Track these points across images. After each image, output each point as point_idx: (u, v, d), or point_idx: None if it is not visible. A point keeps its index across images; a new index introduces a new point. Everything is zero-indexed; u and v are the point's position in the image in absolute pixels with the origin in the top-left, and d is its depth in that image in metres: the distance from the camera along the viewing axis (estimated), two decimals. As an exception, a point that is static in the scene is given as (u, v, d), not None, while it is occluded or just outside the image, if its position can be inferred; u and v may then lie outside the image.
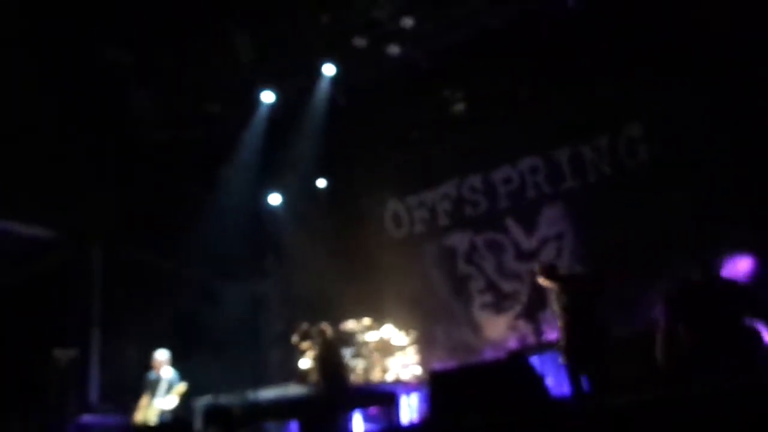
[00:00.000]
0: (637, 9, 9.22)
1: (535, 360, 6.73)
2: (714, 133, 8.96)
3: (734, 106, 8.83)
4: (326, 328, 8.56)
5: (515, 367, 4.26)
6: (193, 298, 11.27)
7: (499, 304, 10.73)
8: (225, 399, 8.50)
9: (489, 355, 9.99)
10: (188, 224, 11.00)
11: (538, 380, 4.36)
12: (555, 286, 7.44)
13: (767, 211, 8.15)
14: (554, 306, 7.50)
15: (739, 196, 8.48)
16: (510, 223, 10.95)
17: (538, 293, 10.09)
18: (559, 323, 7.22)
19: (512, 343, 10.05)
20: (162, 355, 9.10)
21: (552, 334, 9.42)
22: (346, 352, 9.52)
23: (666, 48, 9.27)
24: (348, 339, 9.84)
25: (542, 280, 7.59)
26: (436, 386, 4.54)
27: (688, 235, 8.54)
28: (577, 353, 6.83)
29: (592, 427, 3.62)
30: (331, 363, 8.36)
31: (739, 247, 7.97)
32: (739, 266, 7.84)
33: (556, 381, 7.07)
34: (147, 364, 9.24)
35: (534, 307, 10.01)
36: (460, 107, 11.17)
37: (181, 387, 8.81)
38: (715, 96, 9.00)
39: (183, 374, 9.06)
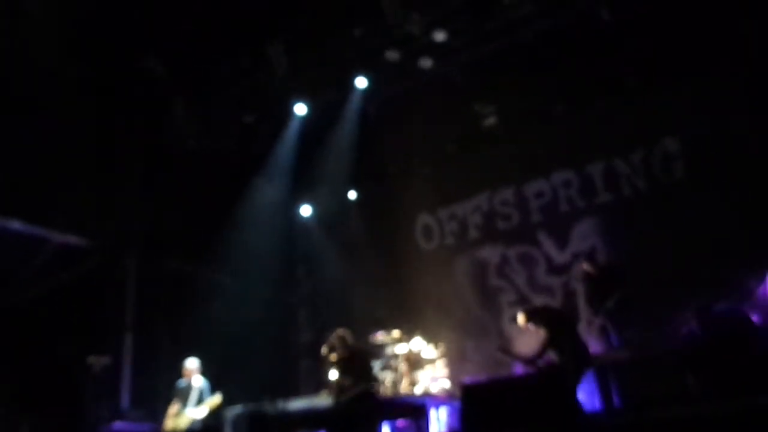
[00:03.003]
0: (672, 21, 9.15)
1: (566, 375, 6.64)
2: (753, 153, 8.80)
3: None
4: (344, 333, 8.36)
5: (548, 381, 4.23)
6: (225, 307, 11.34)
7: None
8: (255, 408, 8.54)
9: (519, 369, 9.90)
10: (221, 234, 11.12)
11: (570, 395, 4.32)
12: (542, 329, 7.58)
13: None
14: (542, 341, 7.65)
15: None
16: (542, 236, 10.87)
17: (570, 307, 10.03)
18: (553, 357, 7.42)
19: (544, 358, 9.95)
20: (192, 363, 9.15)
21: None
22: (375, 365, 9.48)
23: (705, 61, 9.18)
24: (377, 351, 9.83)
25: (526, 326, 7.72)
26: (468, 399, 4.53)
27: (721, 255, 8.43)
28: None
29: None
30: (355, 369, 8.12)
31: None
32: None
33: (587, 396, 6.99)
34: (178, 372, 9.31)
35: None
36: (491, 121, 11.16)
37: (216, 399, 8.82)
38: (758, 113, 8.85)
39: (213, 383, 9.11)
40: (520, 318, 7.87)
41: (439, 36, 9.78)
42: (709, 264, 8.48)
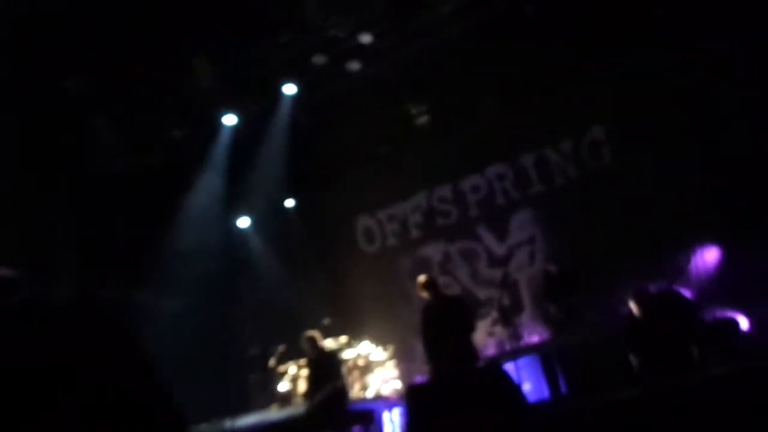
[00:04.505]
0: (592, 16, 9.36)
1: (513, 365, 6.68)
2: (673, 132, 9.08)
3: (694, 105, 8.97)
4: (314, 334, 8.27)
5: (490, 375, 4.23)
6: (167, 330, 11.06)
7: (475, 312, 10.71)
8: (205, 429, 8.35)
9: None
10: (157, 254, 10.84)
11: (514, 387, 4.34)
12: (431, 298, 7.34)
13: (728, 206, 8.27)
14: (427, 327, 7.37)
15: (701, 192, 8.59)
16: (481, 230, 10.98)
17: (514, 298, 10.14)
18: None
19: (491, 350, 10.02)
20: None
21: (530, 337, 9.44)
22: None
23: (622, 52, 9.43)
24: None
25: (423, 293, 7.49)
26: (413, 399, 4.50)
27: (654, 232, 8.66)
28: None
29: (569, 429, 3.61)
30: (327, 369, 7.98)
31: (703, 241, 8.13)
32: (707, 257, 8.00)
33: (535, 385, 7.05)
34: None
35: (510, 312, 10.00)
36: (424, 119, 11.20)
37: None
38: (675, 95, 9.14)
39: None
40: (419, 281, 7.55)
41: (365, 38, 9.75)
42: (641, 244, 8.70)
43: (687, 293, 7.01)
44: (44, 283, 10.12)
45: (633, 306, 6.69)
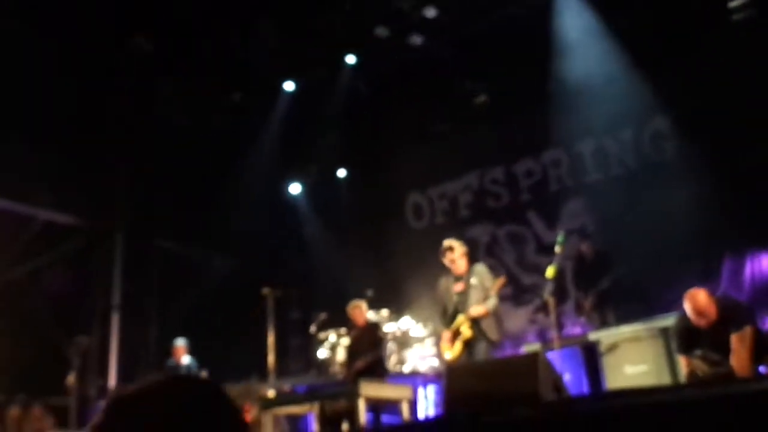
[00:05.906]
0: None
1: (554, 355, 6.62)
2: (741, 130, 8.73)
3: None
4: (360, 304, 8.36)
5: (533, 363, 4.21)
6: (214, 285, 11.31)
7: (518, 297, 10.66)
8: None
9: (507, 348, 9.92)
10: (210, 212, 11.05)
11: (556, 377, 4.32)
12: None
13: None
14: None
15: (764, 197, 8.27)
16: (532, 216, 10.86)
17: (559, 287, 10.01)
18: None
19: (531, 337, 9.98)
20: (181, 342, 9.16)
21: (573, 328, 9.35)
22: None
23: (691, 41, 9.14)
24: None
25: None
26: (453, 380, 4.52)
27: (710, 231, 8.39)
28: None
29: (608, 426, 3.57)
30: (370, 339, 8.06)
31: (761, 247, 7.88)
32: (764, 264, 7.77)
33: (575, 378, 6.99)
34: (167, 351, 9.30)
35: (555, 301, 9.89)
36: (482, 99, 11.07)
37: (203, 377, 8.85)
38: (745, 90, 8.78)
39: (203, 361, 9.10)
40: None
41: (429, 12, 9.69)
42: (695, 244, 8.45)
43: (742, 300, 6.81)
44: (100, 230, 10.45)
45: (688, 307, 6.52)
